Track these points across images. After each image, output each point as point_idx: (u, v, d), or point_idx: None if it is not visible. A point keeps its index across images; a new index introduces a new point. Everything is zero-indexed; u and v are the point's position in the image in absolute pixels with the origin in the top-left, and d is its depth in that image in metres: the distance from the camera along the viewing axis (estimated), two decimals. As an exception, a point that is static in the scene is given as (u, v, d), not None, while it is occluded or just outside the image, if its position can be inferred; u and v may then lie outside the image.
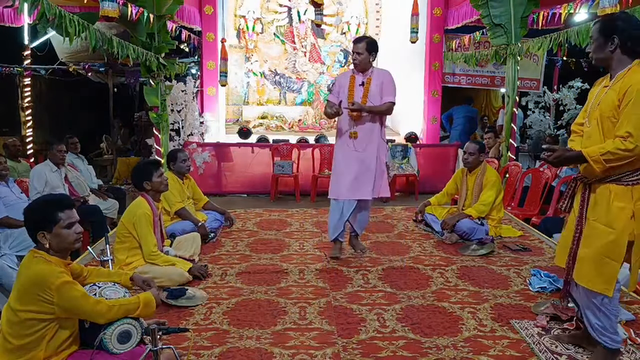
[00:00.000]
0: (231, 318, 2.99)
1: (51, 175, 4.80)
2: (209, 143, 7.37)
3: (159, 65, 6.02)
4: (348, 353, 2.59)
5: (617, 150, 2.20)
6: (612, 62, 2.35)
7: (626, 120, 2.21)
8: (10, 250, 3.80)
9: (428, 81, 8.31)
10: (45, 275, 1.99)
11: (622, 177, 2.27)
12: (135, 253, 3.48)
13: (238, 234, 4.87)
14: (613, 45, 2.30)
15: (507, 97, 6.47)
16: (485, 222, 4.55)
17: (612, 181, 2.29)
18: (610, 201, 2.29)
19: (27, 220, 2.12)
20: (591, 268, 2.33)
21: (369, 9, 9.02)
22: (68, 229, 2.11)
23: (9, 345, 2.01)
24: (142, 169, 3.62)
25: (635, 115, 2.19)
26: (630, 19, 2.34)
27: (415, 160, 7.12)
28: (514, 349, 2.63)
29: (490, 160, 6.16)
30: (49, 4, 3.98)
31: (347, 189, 3.98)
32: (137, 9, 5.39)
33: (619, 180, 2.28)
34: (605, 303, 2.33)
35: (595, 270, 2.31)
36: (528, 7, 6.10)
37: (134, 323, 2.13)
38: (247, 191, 7.22)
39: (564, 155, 2.34)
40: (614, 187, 2.29)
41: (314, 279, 3.64)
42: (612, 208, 2.28)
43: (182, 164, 4.57)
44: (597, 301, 2.33)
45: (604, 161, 2.23)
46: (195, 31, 8.02)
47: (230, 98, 8.99)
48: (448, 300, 3.25)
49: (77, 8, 6.45)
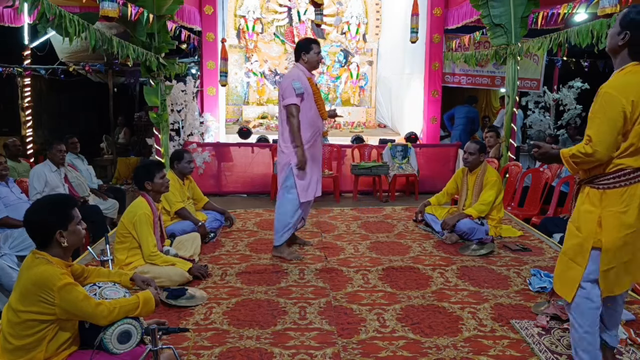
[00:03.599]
0: (231, 318, 2.99)
1: (51, 175, 4.79)
2: (209, 143, 7.36)
3: (159, 65, 6.02)
4: (348, 353, 2.59)
5: (579, 153, 2.16)
6: (617, 57, 2.21)
7: (590, 123, 2.16)
8: (10, 250, 3.80)
9: (428, 81, 8.31)
10: (47, 276, 1.99)
11: (594, 179, 2.22)
12: (135, 253, 3.48)
13: (238, 234, 4.87)
14: (623, 41, 2.14)
15: (507, 97, 6.47)
16: (485, 222, 4.55)
17: (587, 183, 2.25)
18: (582, 203, 2.26)
19: (40, 223, 2.08)
20: (559, 269, 2.33)
21: (369, 9, 9.03)
22: (80, 225, 2.17)
23: (9, 346, 2.01)
24: (145, 169, 3.63)
25: (597, 119, 2.13)
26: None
27: (415, 160, 7.12)
28: (514, 349, 2.63)
29: (490, 160, 6.16)
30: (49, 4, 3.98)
31: (317, 186, 4.19)
32: (137, 9, 5.39)
33: (592, 182, 2.23)
34: (571, 311, 2.28)
35: (561, 272, 2.30)
36: (528, 7, 6.10)
37: (134, 323, 2.13)
38: (247, 191, 7.22)
39: (548, 152, 2.33)
40: (588, 189, 2.24)
41: (314, 279, 3.64)
42: (581, 211, 2.25)
43: (187, 165, 4.57)
44: (566, 307, 2.28)
45: (572, 162, 2.20)
46: (195, 31, 8.02)
47: (230, 98, 9.00)
48: (448, 300, 3.25)
49: (77, 8, 6.47)
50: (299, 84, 3.93)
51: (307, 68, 4.09)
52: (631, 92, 2.09)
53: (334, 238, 4.70)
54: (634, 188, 2.15)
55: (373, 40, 9.20)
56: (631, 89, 2.10)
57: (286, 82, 3.99)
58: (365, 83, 9.36)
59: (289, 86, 3.92)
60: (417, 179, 6.96)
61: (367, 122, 9.21)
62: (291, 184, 4.05)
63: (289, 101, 3.91)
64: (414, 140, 7.84)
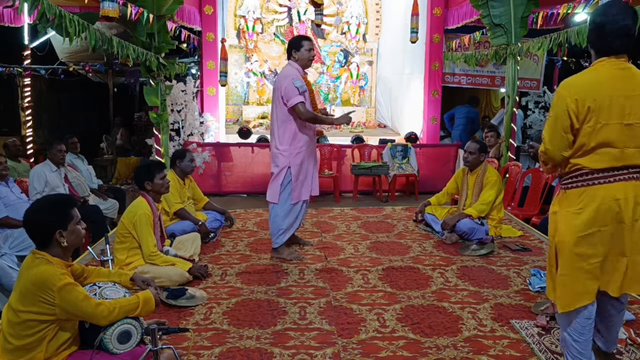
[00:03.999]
0: (231, 318, 2.99)
1: (51, 175, 4.80)
2: (209, 143, 7.37)
3: (159, 65, 6.02)
4: (348, 353, 2.59)
5: (539, 152, 2.20)
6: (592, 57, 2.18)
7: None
8: (10, 250, 3.80)
9: (428, 81, 8.30)
10: (47, 276, 1.99)
11: (560, 179, 2.22)
12: (135, 253, 3.48)
13: (238, 234, 4.87)
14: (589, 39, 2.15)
15: (507, 97, 6.47)
16: (485, 222, 4.55)
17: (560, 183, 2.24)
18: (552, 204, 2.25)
19: (40, 223, 2.08)
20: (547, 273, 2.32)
21: (369, 9, 9.03)
22: (79, 225, 2.17)
23: (9, 346, 2.01)
24: (145, 169, 3.63)
25: (549, 118, 2.14)
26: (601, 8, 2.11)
27: (415, 160, 7.12)
28: (514, 349, 2.63)
29: (490, 160, 6.16)
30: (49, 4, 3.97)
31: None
32: (137, 9, 5.39)
33: (561, 183, 2.22)
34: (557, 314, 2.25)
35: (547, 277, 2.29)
36: (528, 7, 6.10)
37: (134, 323, 2.13)
38: (247, 191, 7.21)
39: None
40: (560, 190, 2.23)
41: (314, 279, 3.64)
42: (549, 212, 2.26)
43: (189, 163, 4.60)
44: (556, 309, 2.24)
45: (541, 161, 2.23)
46: (195, 31, 8.01)
47: (230, 98, 9.00)
48: (448, 300, 3.25)
49: (77, 8, 6.45)
50: (300, 82, 3.85)
51: (300, 65, 3.98)
52: (577, 91, 2.06)
53: (334, 238, 4.70)
54: (594, 190, 2.08)
55: (373, 40, 9.20)
56: (578, 87, 2.08)
57: (286, 81, 3.83)
58: (365, 83, 9.37)
59: (290, 85, 3.79)
60: (417, 179, 6.96)
61: (367, 122, 9.22)
62: (285, 187, 3.99)
63: (295, 100, 3.79)
64: (414, 140, 7.84)
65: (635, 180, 2.07)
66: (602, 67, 2.10)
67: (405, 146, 7.19)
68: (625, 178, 2.07)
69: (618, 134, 2.03)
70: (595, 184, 2.09)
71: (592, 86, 2.06)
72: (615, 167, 2.06)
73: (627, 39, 2.06)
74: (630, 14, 2.05)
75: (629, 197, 2.05)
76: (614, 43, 2.06)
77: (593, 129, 2.04)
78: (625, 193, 2.05)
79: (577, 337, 2.16)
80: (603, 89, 2.04)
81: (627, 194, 2.05)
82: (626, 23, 2.03)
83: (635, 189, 2.07)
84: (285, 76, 3.91)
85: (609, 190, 2.06)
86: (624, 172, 2.07)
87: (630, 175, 2.07)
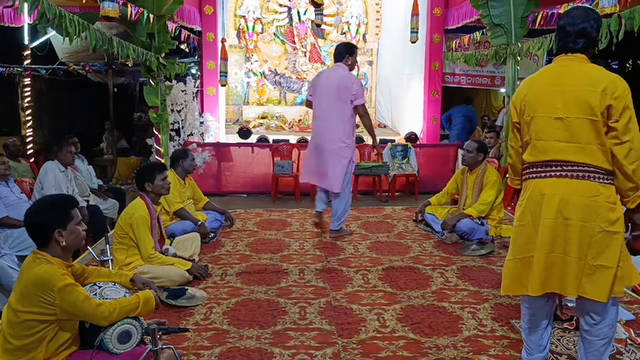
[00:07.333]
0: (231, 318, 2.99)
1: (59, 175, 4.81)
2: (209, 143, 7.36)
3: (159, 65, 6.02)
4: (348, 353, 2.60)
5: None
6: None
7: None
8: (10, 250, 3.80)
9: (428, 81, 8.30)
10: (48, 277, 1.98)
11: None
12: (134, 253, 3.48)
13: (238, 234, 4.87)
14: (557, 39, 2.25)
15: (507, 97, 6.47)
16: (486, 222, 4.55)
17: None
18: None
19: (39, 222, 2.08)
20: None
21: (369, 9, 9.03)
22: (80, 226, 2.16)
23: (9, 346, 2.01)
24: (146, 170, 3.64)
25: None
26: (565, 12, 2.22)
27: (415, 160, 7.12)
28: (514, 349, 2.63)
29: (490, 160, 6.16)
30: (49, 4, 3.97)
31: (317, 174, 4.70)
32: (137, 9, 5.39)
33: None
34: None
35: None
36: (528, 7, 6.09)
37: (134, 323, 2.13)
38: (247, 191, 7.21)
39: None
40: None
41: (314, 279, 3.65)
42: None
43: (192, 162, 4.68)
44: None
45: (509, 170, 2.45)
46: (195, 31, 8.01)
47: (230, 98, 9.00)
48: (448, 300, 3.25)
49: (77, 8, 6.46)
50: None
51: (348, 69, 4.54)
52: (522, 86, 2.24)
53: (334, 238, 4.70)
54: (528, 183, 2.21)
55: (373, 40, 9.19)
56: (524, 83, 2.25)
57: (357, 83, 4.45)
58: (365, 83, 9.35)
59: (361, 87, 4.47)
60: (417, 179, 6.96)
61: (367, 122, 9.20)
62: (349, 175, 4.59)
63: (362, 101, 4.46)
64: (414, 140, 7.84)
65: (568, 179, 2.07)
66: (551, 64, 2.22)
67: (405, 146, 7.19)
68: (557, 175, 2.09)
69: (546, 126, 2.11)
70: (530, 178, 2.20)
71: (532, 80, 2.22)
72: (544, 160, 2.12)
73: (585, 40, 2.13)
74: (592, 17, 2.13)
75: (555, 193, 2.07)
76: (571, 43, 2.14)
77: (526, 122, 2.18)
78: (552, 189, 2.09)
79: (524, 324, 2.33)
80: (538, 82, 2.18)
81: (553, 190, 2.08)
82: (584, 25, 2.12)
83: (566, 186, 2.06)
84: (352, 76, 4.54)
85: (539, 184, 2.15)
86: (558, 169, 2.09)
87: (564, 172, 2.08)
